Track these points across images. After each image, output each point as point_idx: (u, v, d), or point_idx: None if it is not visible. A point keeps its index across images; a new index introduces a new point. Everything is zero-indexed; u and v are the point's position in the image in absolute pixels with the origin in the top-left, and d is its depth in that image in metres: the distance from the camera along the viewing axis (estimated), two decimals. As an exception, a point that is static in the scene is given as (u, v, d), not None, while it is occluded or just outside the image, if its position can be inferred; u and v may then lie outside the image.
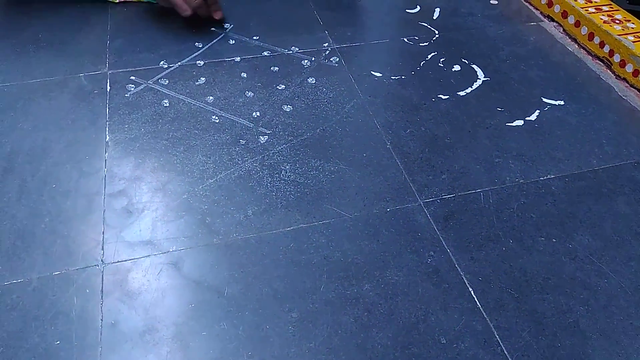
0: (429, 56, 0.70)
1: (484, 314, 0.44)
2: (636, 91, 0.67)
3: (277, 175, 0.54)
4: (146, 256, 0.46)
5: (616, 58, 0.69)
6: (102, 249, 0.47)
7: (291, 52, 0.70)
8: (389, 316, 0.43)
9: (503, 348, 0.42)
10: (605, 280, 0.46)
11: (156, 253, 0.47)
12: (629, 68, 0.67)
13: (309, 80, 0.66)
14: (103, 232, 0.48)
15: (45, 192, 0.51)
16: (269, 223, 0.50)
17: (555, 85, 0.67)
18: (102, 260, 0.46)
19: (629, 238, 0.50)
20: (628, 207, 0.53)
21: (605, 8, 0.74)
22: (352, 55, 0.70)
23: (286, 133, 0.59)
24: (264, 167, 0.55)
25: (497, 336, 0.42)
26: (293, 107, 0.62)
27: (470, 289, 0.46)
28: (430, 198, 0.53)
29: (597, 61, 0.71)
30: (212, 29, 0.73)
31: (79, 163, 0.54)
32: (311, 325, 0.43)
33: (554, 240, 0.49)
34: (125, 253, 0.47)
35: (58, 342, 0.41)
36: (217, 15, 0.72)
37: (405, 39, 0.73)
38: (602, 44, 0.71)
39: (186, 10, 0.69)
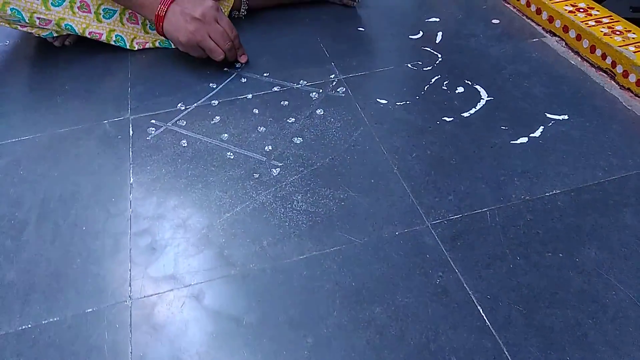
0: (433, 80, 0.73)
1: (493, 331, 0.45)
2: (640, 100, 0.67)
3: (289, 205, 0.57)
4: (170, 290, 0.50)
5: (619, 69, 0.70)
6: (130, 285, 0.50)
7: (300, 85, 0.73)
8: (401, 338, 0.45)
9: (513, 364, 0.43)
10: (613, 293, 0.47)
11: (179, 287, 0.50)
12: (632, 78, 0.68)
13: (318, 111, 0.69)
14: (130, 270, 0.52)
15: (76, 234, 0.55)
16: (283, 253, 0.52)
17: (558, 100, 0.68)
18: (129, 296, 0.49)
19: (637, 249, 0.51)
20: (635, 218, 0.53)
21: (605, 20, 0.76)
22: (358, 85, 0.73)
23: (297, 164, 0.62)
24: (277, 199, 0.58)
25: (507, 353, 0.44)
26: (303, 138, 0.65)
27: (479, 308, 0.47)
28: (438, 220, 0.55)
29: (601, 73, 0.73)
30: (225, 69, 0.77)
31: (106, 205, 0.58)
32: (326, 349, 0.45)
33: (560, 255, 0.51)
34: (150, 288, 0.50)
35: (92, 376, 0.44)
36: (243, 59, 0.77)
37: (409, 65, 0.76)
38: (604, 56, 0.72)
39: (220, 54, 0.73)
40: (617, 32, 0.73)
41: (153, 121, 0.69)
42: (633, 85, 0.68)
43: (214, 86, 0.74)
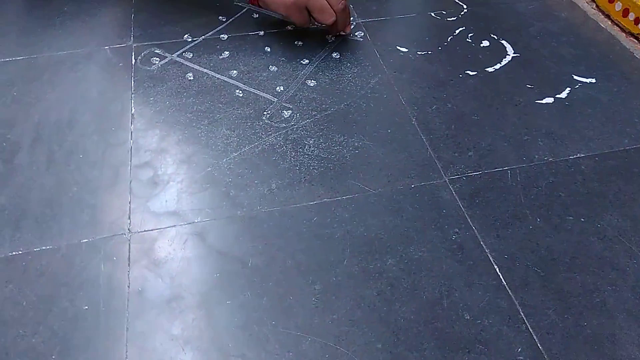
0: (457, 31, 0.69)
1: (509, 291, 0.43)
2: (672, 69, 0.64)
3: (300, 149, 0.54)
4: (172, 226, 0.47)
5: (652, 35, 0.66)
6: (129, 218, 0.47)
7: (316, 26, 0.69)
8: (413, 291, 0.43)
9: (528, 325, 0.41)
10: (634, 261, 0.46)
11: (182, 223, 0.47)
12: (665, 45, 0.65)
13: (334, 55, 0.65)
14: (130, 202, 0.49)
15: (73, 162, 0.52)
16: (292, 197, 0.50)
17: (586, 62, 0.65)
18: (128, 229, 0.47)
19: (661, 219, 0.49)
20: (660, 187, 0.51)
21: (642, -17, 0.72)
22: (377, 30, 0.69)
23: (310, 108, 0.58)
24: (287, 142, 0.55)
25: (522, 313, 0.42)
26: (317, 81, 0.61)
27: (495, 267, 0.45)
28: (456, 175, 0.52)
29: (632, 38, 0.69)
30: (235, 3, 0.72)
31: (105, 134, 0.55)
32: (334, 297, 0.43)
33: (582, 219, 0.49)
34: (151, 223, 0.47)
35: (86, 307, 0.41)
36: (348, 29, 0.66)
37: (433, 14, 0.72)
38: (637, 21, 0.68)
39: (332, 16, 0.61)
40: (654, -4, 0.69)
41: (157, 51, 0.64)
42: (665, 53, 0.65)
43: (224, 19, 0.69)
